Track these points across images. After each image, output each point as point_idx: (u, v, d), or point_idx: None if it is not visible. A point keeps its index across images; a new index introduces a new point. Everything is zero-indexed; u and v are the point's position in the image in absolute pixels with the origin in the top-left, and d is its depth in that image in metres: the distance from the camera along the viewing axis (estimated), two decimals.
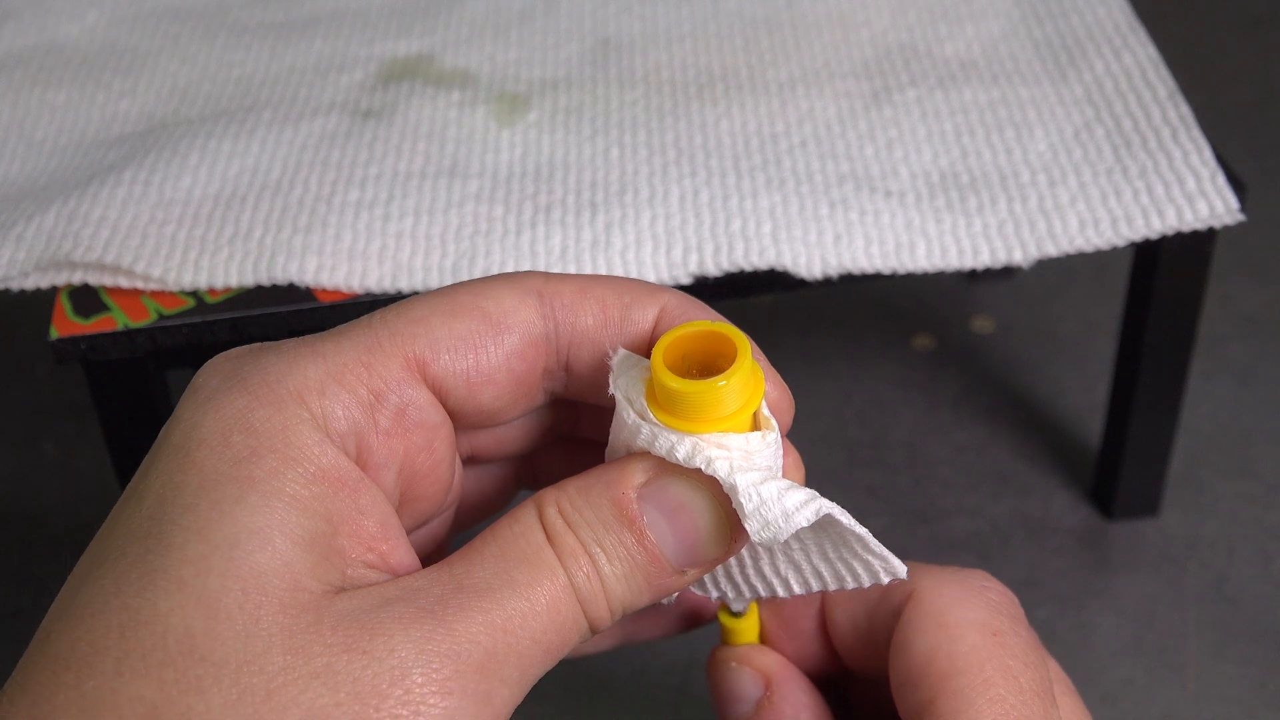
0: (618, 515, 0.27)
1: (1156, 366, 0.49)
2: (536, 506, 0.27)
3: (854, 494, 0.55)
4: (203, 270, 0.44)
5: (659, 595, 0.28)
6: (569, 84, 0.52)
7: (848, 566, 0.29)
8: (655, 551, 0.27)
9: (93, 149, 0.50)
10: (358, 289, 0.43)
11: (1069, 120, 0.48)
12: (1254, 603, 0.51)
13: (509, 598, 0.26)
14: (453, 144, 0.49)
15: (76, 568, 0.26)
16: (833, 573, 0.30)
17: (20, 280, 0.44)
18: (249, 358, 0.28)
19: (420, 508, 0.30)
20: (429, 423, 0.28)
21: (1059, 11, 0.53)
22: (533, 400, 0.30)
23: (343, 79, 0.52)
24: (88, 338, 0.42)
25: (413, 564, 0.27)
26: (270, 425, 0.26)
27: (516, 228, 0.45)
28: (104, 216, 0.45)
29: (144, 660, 0.24)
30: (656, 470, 0.27)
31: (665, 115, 0.50)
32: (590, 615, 0.27)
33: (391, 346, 0.28)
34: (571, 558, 0.27)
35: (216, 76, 0.53)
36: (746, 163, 0.47)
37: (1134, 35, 0.51)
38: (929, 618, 0.30)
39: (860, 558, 0.29)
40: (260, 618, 0.24)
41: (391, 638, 0.24)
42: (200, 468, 0.26)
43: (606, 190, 0.46)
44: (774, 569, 0.31)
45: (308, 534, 0.25)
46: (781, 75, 0.51)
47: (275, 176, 0.47)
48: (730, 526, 0.28)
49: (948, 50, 0.52)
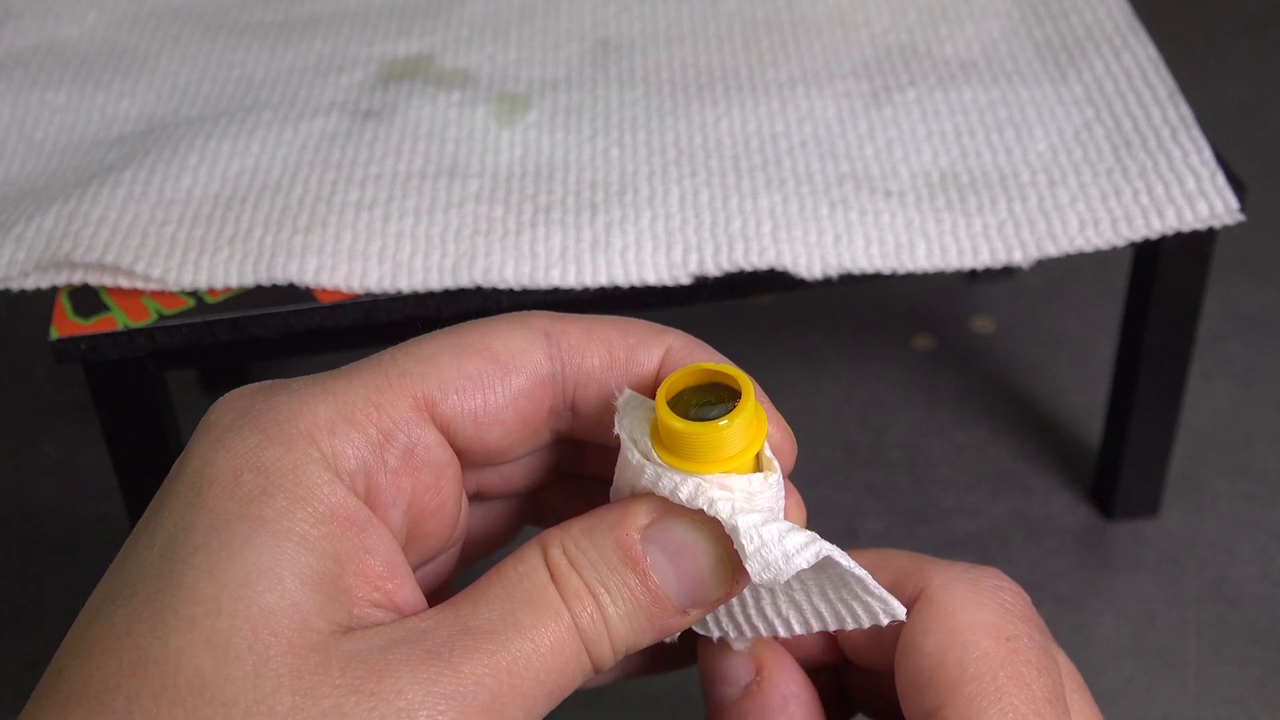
0: (621, 556, 0.27)
1: (1156, 366, 0.49)
2: (541, 547, 0.28)
3: (854, 494, 0.55)
4: (203, 270, 0.44)
5: (661, 635, 0.28)
6: (569, 84, 0.52)
7: (847, 607, 0.30)
8: (658, 592, 0.28)
9: (93, 149, 0.50)
10: (358, 289, 0.43)
11: (1069, 120, 0.48)
12: (1254, 603, 0.51)
13: (514, 639, 0.26)
14: (453, 144, 0.49)
15: (89, 602, 0.27)
16: (833, 613, 0.30)
17: (20, 280, 0.44)
18: (260, 396, 0.28)
19: (426, 545, 0.30)
20: (437, 462, 0.29)
21: (1059, 11, 0.53)
22: (539, 439, 0.30)
23: (343, 79, 0.52)
24: (88, 338, 0.42)
25: (418, 603, 0.27)
26: (281, 465, 0.26)
27: (516, 228, 0.45)
28: (104, 216, 0.45)
29: (155, 700, 0.24)
30: (660, 511, 0.28)
31: (665, 115, 0.50)
32: (594, 655, 0.27)
33: (401, 386, 0.28)
34: (576, 599, 0.27)
35: (216, 76, 0.53)
36: (746, 163, 0.47)
37: (1134, 35, 0.51)
38: (939, 619, 0.30)
39: (860, 599, 0.29)
40: (270, 658, 0.24)
41: (399, 679, 0.25)
42: (211, 507, 0.26)
43: (606, 190, 0.46)
44: (775, 609, 0.31)
45: (316, 574, 0.25)
46: (781, 75, 0.51)
47: (275, 176, 0.47)
48: (732, 568, 0.28)
49: (948, 50, 0.52)
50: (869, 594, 0.29)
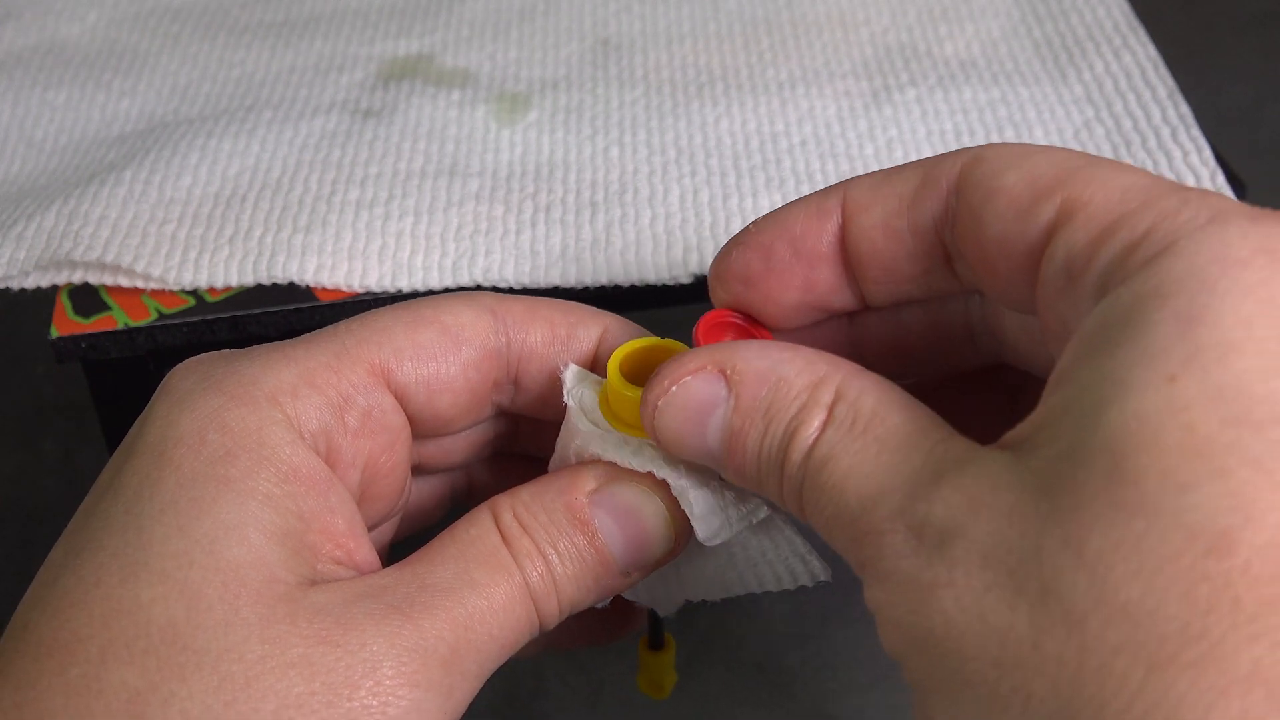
0: (570, 518, 0.29)
1: None
2: (492, 511, 0.29)
3: None
4: (203, 269, 0.44)
5: (603, 596, 0.30)
6: (569, 83, 0.52)
7: (774, 571, 0.31)
8: (605, 553, 0.29)
9: (93, 148, 0.50)
10: (358, 288, 0.43)
11: (1069, 120, 0.48)
12: None
13: (470, 596, 0.27)
14: (453, 143, 0.49)
15: (50, 558, 0.27)
16: (757, 577, 0.31)
17: (20, 279, 0.44)
18: (221, 361, 0.29)
19: (377, 508, 0.31)
20: (392, 426, 0.30)
21: (1059, 11, 0.53)
22: (483, 411, 0.32)
23: (343, 78, 0.52)
24: (88, 337, 0.42)
25: (374, 562, 0.29)
26: (245, 425, 0.27)
27: (516, 227, 0.45)
28: (104, 215, 0.45)
29: (128, 648, 0.25)
30: (606, 477, 0.29)
31: (665, 115, 0.50)
32: (542, 613, 0.28)
33: (358, 353, 0.30)
34: (527, 558, 0.28)
35: (217, 76, 0.53)
36: (746, 162, 0.47)
37: (1134, 35, 0.51)
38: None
39: (789, 560, 0.31)
40: (240, 609, 0.25)
41: (364, 632, 0.26)
42: (178, 466, 0.27)
43: (606, 190, 0.46)
44: (706, 574, 0.32)
45: (281, 530, 0.27)
46: (781, 75, 0.51)
47: (275, 176, 0.47)
48: (675, 529, 0.29)
49: (948, 50, 0.52)
50: (798, 556, 0.30)
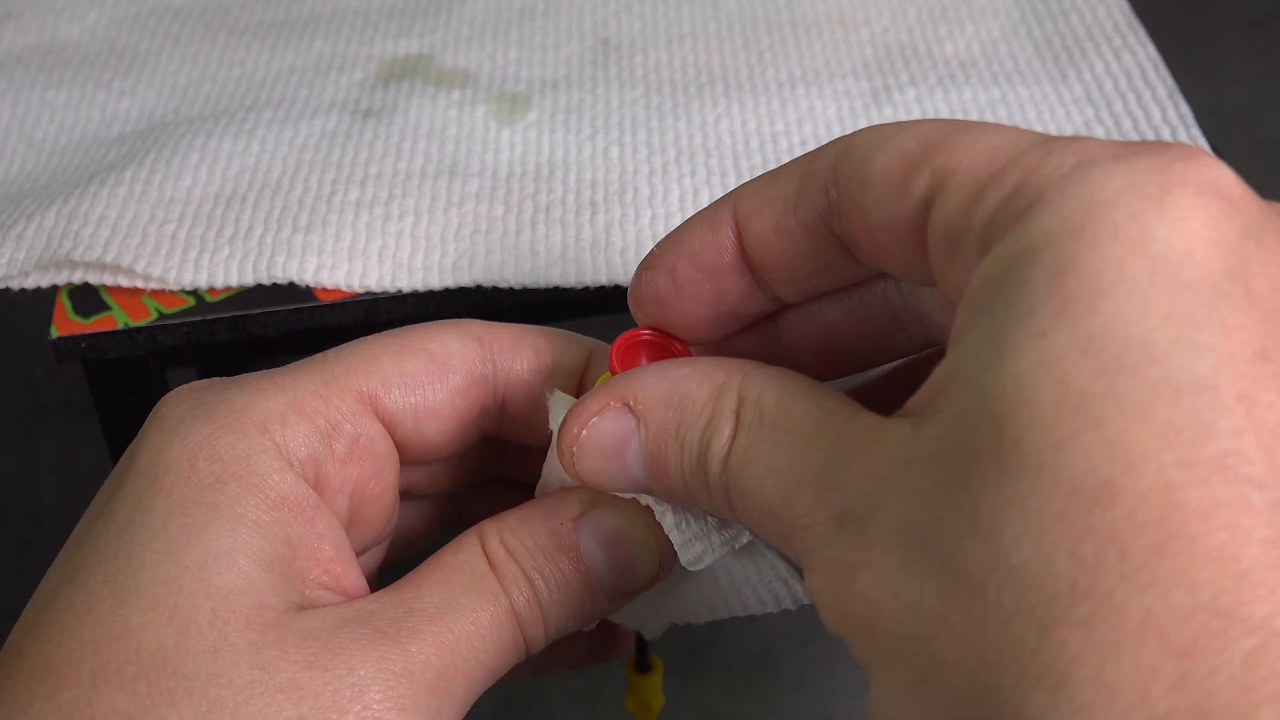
0: (556, 544, 0.29)
1: None
2: (479, 536, 0.29)
3: None
4: (203, 269, 0.44)
5: (589, 620, 0.30)
6: (569, 83, 0.52)
7: (757, 595, 0.31)
8: (591, 577, 0.29)
9: (93, 148, 0.50)
10: (358, 288, 0.43)
11: (1069, 120, 0.48)
12: None
13: (456, 621, 0.27)
14: (453, 143, 0.49)
15: (43, 584, 0.28)
16: (741, 601, 0.31)
17: (20, 279, 0.44)
18: (212, 390, 0.29)
19: (365, 533, 0.31)
20: (379, 453, 0.30)
21: (1059, 11, 0.53)
22: (470, 437, 0.32)
23: (343, 79, 0.52)
24: (88, 337, 0.42)
25: (363, 587, 0.29)
26: (234, 453, 0.28)
27: (516, 227, 0.45)
28: (104, 215, 0.45)
29: (119, 673, 0.25)
30: (592, 502, 0.29)
31: (665, 115, 0.50)
32: (528, 637, 0.29)
33: (346, 381, 0.30)
34: (514, 583, 0.28)
35: (217, 76, 0.53)
36: (746, 163, 0.47)
37: (1134, 35, 0.51)
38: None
39: (772, 585, 0.31)
40: (229, 634, 0.25)
41: (351, 657, 0.26)
42: (168, 493, 0.27)
43: (606, 190, 0.46)
44: (689, 599, 0.32)
45: (269, 557, 0.27)
46: (781, 75, 0.51)
47: (275, 176, 0.47)
48: (659, 554, 0.30)
49: (948, 50, 0.52)
50: (780, 579, 0.30)
